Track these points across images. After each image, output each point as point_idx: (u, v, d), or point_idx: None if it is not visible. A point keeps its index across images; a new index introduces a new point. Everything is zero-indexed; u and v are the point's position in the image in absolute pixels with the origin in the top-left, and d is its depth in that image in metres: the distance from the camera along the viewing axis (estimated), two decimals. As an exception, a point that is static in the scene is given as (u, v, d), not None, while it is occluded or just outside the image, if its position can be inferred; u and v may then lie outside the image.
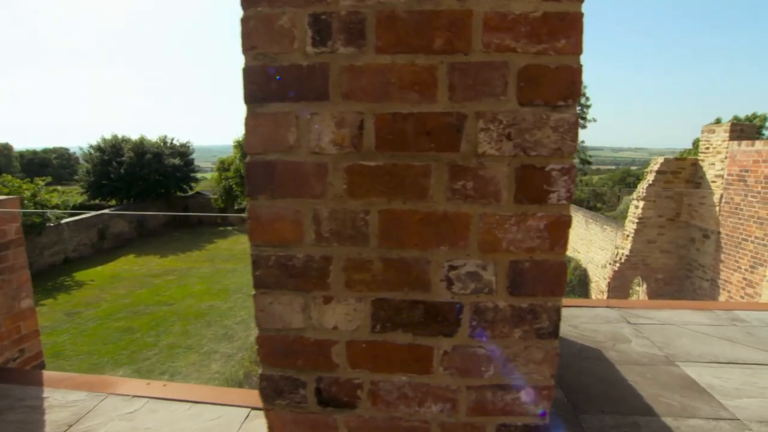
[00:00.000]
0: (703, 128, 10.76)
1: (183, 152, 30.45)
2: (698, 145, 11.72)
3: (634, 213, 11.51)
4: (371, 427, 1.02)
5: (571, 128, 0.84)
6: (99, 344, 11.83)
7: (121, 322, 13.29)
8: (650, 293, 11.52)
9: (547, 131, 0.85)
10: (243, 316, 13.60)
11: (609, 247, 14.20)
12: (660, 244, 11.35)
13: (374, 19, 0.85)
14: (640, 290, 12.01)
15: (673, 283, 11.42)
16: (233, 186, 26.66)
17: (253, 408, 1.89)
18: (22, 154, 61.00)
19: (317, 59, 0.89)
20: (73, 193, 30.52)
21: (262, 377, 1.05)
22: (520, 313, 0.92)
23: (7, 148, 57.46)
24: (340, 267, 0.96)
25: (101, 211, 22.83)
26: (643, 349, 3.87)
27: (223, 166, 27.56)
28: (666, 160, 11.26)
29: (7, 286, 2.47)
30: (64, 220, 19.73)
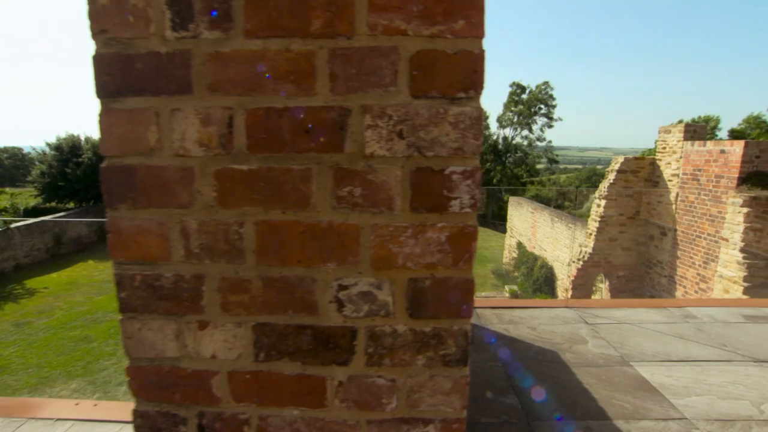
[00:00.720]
0: (660, 129, 11.06)
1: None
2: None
3: (597, 211, 11.73)
4: (260, 471, 0.88)
5: (474, 124, 0.72)
6: (51, 356, 11.21)
7: (77, 331, 12.65)
8: (612, 290, 11.78)
9: (446, 128, 0.73)
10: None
11: (573, 245, 14.46)
12: (621, 242, 11.61)
13: (241, -3, 0.72)
14: (603, 287, 12.26)
15: (634, 280, 11.70)
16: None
17: None
18: (-31, 155, 57.94)
19: (178, 45, 0.74)
20: (26, 195, 29.05)
21: (136, 413, 0.89)
22: (423, 339, 0.80)
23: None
24: (215, 287, 0.82)
25: (51, 216, 21.71)
26: (599, 350, 3.86)
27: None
28: (626, 160, 11.53)
29: None
30: (14, 225, 18.70)
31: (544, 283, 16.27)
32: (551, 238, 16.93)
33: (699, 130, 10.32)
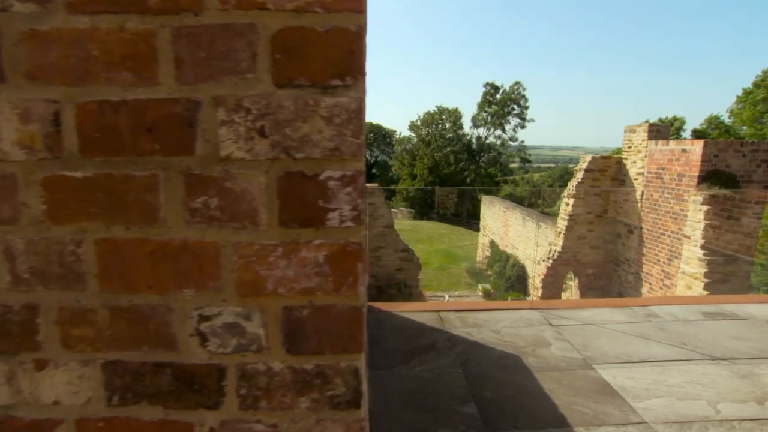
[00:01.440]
0: (626, 128, 11.25)
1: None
2: (625, 144, 12.23)
3: (565, 210, 11.85)
4: None
5: (353, 118, 0.60)
6: None
7: None
8: (582, 287, 11.92)
9: (318, 123, 0.60)
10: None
11: (544, 243, 14.61)
12: (589, 240, 11.76)
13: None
14: (573, 285, 12.40)
15: (603, 277, 11.87)
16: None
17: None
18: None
19: (-17, 19, 0.59)
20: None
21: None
22: (305, 378, 0.67)
23: None
24: (53, 319, 0.67)
25: None
26: (562, 353, 3.82)
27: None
28: (593, 159, 11.68)
29: None
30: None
31: (517, 281, 16.41)
32: (523, 237, 17.10)
33: (662, 130, 10.53)
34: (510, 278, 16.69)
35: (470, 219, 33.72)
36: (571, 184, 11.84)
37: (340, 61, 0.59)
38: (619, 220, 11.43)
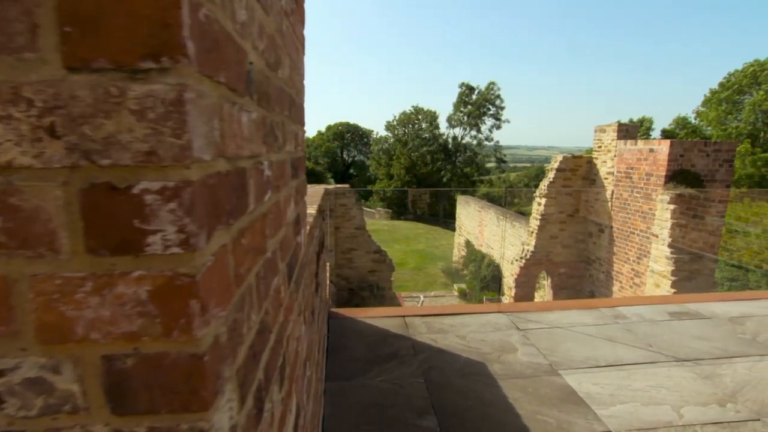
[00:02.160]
0: (596, 128, 11.37)
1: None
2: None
3: (537, 210, 11.92)
4: None
5: (173, 112, 0.45)
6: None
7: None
8: (554, 287, 12.01)
9: (126, 119, 0.45)
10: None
11: (518, 243, 14.68)
12: (561, 239, 11.85)
13: None
14: (546, 284, 12.48)
15: (575, 276, 11.98)
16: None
17: None
18: None
19: None
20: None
21: None
22: (137, 443, 0.52)
23: None
24: None
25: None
26: (528, 359, 3.74)
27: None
28: (564, 158, 11.78)
29: None
30: None
31: (492, 280, 16.47)
32: (497, 236, 17.18)
33: (631, 130, 10.68)
34: (485, 278, 16.75)
35: (447, 218, 33.86)
36: (543, 184, 11.92)
37: (152, 36, 0.44)
38: (591, 220, 11.55)
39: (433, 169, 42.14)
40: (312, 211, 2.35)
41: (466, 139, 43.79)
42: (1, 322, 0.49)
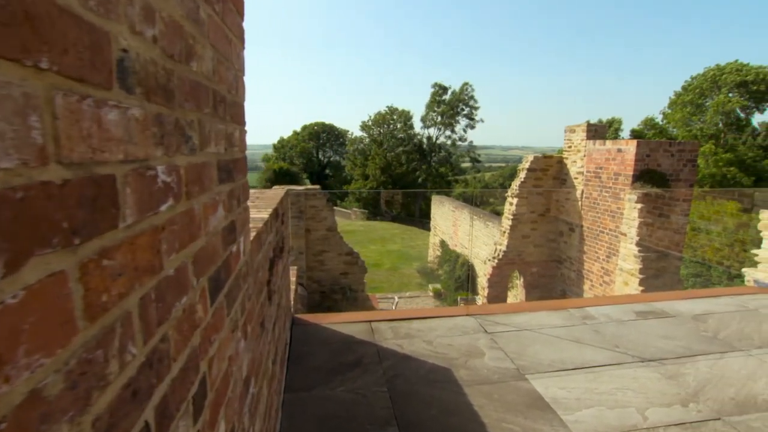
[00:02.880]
0: (566, 128, 11.51)
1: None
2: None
3: (509, 210, 12.00)
4: None
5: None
6: None
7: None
8: (527, 286, 12.11)
9: None
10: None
11: (491, 242, 14.78)
12: (533, 239, 11.96)
13: None
14: (519, 283, 12.58)
15: (546, 275, 12.11)
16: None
17: None
18: None
19: None
20: None
21: None
22: None
23: None
24: None
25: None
26: (495, 363, 3.67)
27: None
28: (535, 158, 11.89)
29: None
30: None
31: (466, 280, 16.54)
32: (471, 236, 17.27)
33: (600, 130, 10.85)
34: (460, 278, 16.81)
35: (423, 218, 33.92)
36: (515, 184, 12.00)
37: None
38: (561, 219, 11.69)
39: (409, 170, 42.22)
40: (264, 216, 2.21)
41: (441, 139, 44.02)
42: None
